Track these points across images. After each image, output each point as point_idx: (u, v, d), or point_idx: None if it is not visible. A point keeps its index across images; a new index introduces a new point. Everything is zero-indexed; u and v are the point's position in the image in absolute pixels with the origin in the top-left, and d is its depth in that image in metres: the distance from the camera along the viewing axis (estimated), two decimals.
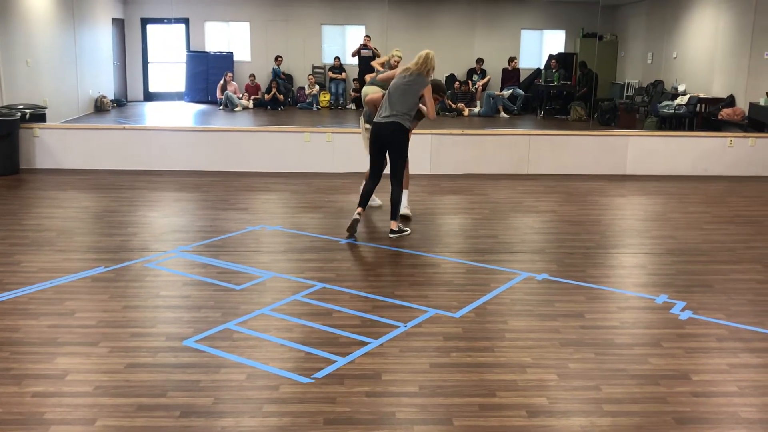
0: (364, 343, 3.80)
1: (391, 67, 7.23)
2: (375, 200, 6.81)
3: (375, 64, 8.38)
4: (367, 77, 7.34)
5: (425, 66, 5.91)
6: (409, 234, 5.99)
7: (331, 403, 3.17)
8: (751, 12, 12.00)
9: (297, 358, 3.63)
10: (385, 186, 6.16)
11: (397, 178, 5.93)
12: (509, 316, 4.26)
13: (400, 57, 7.46)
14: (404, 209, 6.45)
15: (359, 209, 6.01)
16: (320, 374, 3.44)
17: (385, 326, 4.05)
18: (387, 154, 6.00)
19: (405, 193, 6.39)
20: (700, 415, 3.14)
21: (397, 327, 4.04)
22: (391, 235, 5.91)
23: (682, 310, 4.39)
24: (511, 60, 16.27)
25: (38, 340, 3.80)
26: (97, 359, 3.58)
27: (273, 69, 16.26)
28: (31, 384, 3.31)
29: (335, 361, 3.58)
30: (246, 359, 3.60)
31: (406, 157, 6.08)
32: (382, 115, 5.92)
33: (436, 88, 6.15)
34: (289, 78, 16.68)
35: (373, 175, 6.09)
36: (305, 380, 3.39)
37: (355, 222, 5.90)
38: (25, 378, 3.36)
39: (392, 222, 5.96)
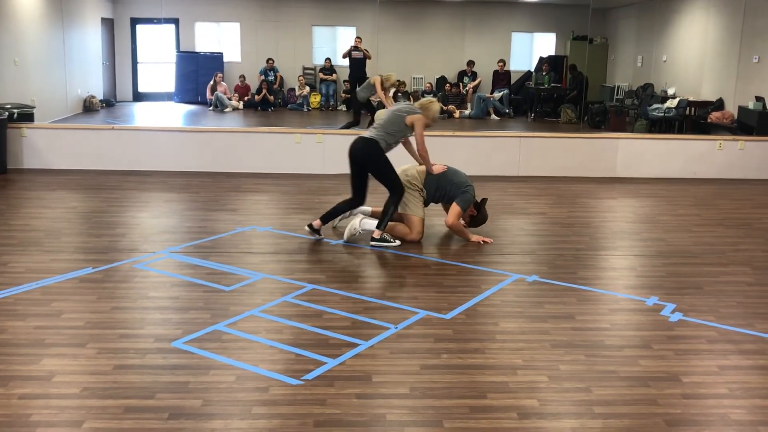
0: (355, 345, 3.79)
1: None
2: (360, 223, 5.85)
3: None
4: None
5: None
6: (397, 245, 5.68)
7: (320, 405, 3.15)
8: (740, 16, 12.07)
9: (287, 360, 3.61)
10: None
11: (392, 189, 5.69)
12: (500, 318, 4.25)
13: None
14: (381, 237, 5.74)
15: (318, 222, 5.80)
16: (310, 376, 3.42)
17: (375, 328, 4.03)
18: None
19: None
20: (690, 417, 3.14)
21: (388, 328, 4.02)
22: (372, 243, 5.66)
23: (673, 312, 4.39)
24: (499, 62, 16.34)
25: (25, 342, 3.76)
26: (85, 360, 3.55)
27: (263, 69, 16.26)
28: (17, 386, 3.27)
29: (325, 363, 3.56)
30: (235, 361, 3.57)
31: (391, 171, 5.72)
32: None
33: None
34: (279, 80, 16.64)
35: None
36: (295, 382, 3.36)
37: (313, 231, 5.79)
38: (11, 380, 3.32)
39: (375, 230, 5.67)
